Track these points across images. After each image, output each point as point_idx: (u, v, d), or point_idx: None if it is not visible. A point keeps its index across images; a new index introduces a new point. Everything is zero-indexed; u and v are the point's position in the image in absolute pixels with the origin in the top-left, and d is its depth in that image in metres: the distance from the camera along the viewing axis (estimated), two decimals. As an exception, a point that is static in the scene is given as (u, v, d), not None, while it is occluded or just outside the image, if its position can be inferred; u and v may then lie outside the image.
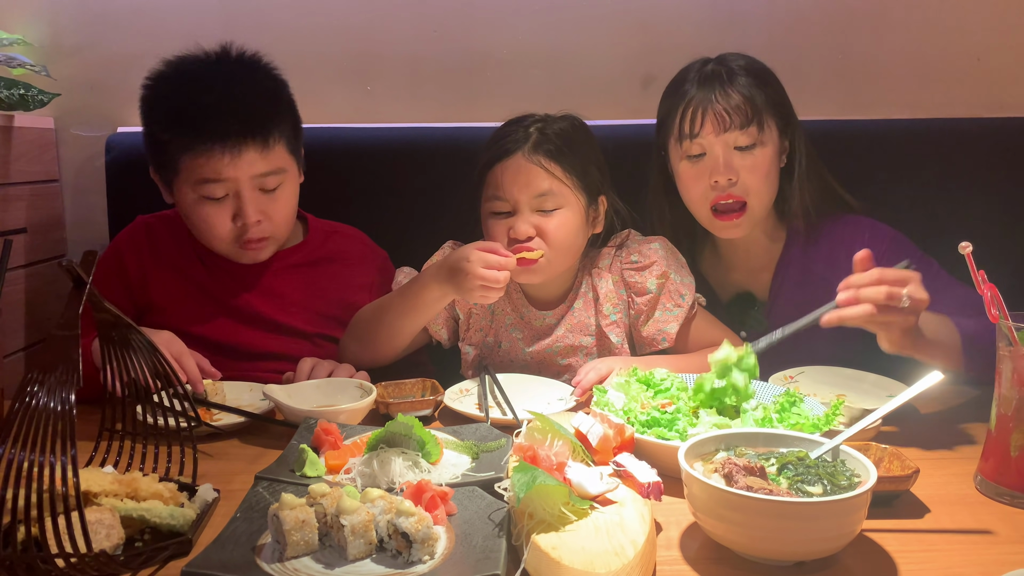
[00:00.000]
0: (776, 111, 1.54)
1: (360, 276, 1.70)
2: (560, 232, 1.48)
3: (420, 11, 1.99)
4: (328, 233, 1.73)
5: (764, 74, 1.56)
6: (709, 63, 1.56)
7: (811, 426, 1.13)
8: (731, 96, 1.50)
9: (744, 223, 1.55)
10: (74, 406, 0.84)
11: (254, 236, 1.54)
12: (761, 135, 1.51)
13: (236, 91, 1.49)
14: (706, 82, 1.52)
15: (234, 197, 1.51)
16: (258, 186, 1.51)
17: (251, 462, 1.18)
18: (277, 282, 1.65)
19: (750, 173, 1.52)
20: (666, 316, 1.54)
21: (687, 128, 1.52)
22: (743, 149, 1.51)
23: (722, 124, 1.50)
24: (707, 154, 1.52)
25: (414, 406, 1.34)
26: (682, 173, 1.57)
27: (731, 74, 1.52)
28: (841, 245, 1.58)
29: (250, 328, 1.62)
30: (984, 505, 1.05)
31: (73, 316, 0.91)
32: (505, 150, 1.49)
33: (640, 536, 0.87)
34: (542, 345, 1.58)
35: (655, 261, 1.55)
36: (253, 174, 1.50)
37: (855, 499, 0.87)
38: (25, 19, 1.98)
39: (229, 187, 1.50)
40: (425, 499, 0.94)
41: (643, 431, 1.14)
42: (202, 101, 1.47)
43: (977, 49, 2.02)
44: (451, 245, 1.65)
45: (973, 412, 1.34)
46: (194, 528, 0.95)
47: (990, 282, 1.06)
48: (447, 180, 1.87)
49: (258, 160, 1.49)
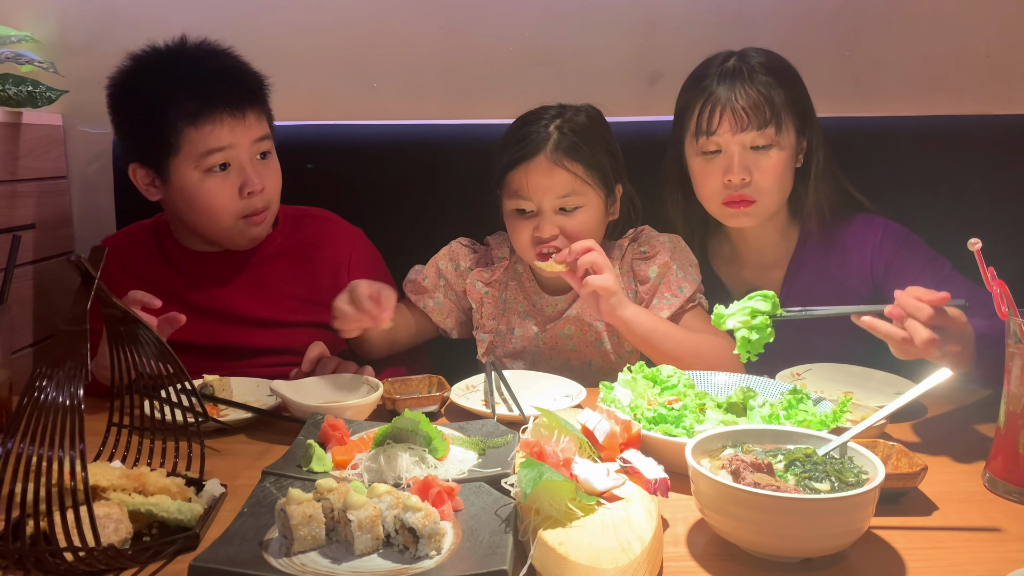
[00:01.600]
0: (795, 111, 1.53)
1: (339, 255, 1.68)
2: (582, 231, 1.53)
3: (426, 8, 1.99)
4: (298, 218, 1.71)
5: (786, 72, 1.54)
6: (731, 58, 1.54)
7: (818, 423, 1.12)
8: (750, 95, 1.49)
9: (754, 213, 1.54)
10: (83, 401, 0.85)
11: (260, 206, 1.55)
12: (778, 136, 1.50)
13: (226, 61, 1.54)
14: (726, 79, 1.51)
15: (237, 168, 1.52)
16: (257, 151, 1.54)
17: (258, 457, 1.18)
18: (257, 274, 1.63)
19: (764, 174, 1.51)
20: (661, 304, 1.57)
21: (704, 124, 1.51)
22: (759, 149, 1.50)
23: (739, 123, 1.49)
24: (722, 152, 1.52)
25: (420, 402, 1.34)
26: (696, 168, 1.56)
27: (752, 71, 1.51)
28: (854, 244, 1.58)
29: (237, 327, 1.60)
30: (992, 503, 1.05)
31: (81, 311, 0.91)
32: (528, 151, 1.51)
33: (647, 532, 0.87)
34: (553, 329, 1.61)
35: (659, 252, 1.59)
36: (253, 138, 1.52)
37: (863, 496, 0.87)
38: (34, 16, 1.99)
39: (231, 155, 1.51)
40: (432, 494, 0.94)
41: (650, 427, 1.14)
42: (204, 69, 1.50)
43: (986, 46, 2.01)
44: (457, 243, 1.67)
45: (981, 409, 1.34)
46: (201, 523, 0.95)
47: (999, 279, 1.05)
48: (452, 177, 1.87)
49: (255, 124, 1.52)
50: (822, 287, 1.58)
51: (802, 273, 1.63)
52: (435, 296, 1.66)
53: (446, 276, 1.65)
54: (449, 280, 1.65)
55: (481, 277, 1.64)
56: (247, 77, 1.56)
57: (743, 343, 1.22)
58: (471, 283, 1.64)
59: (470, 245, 1.69)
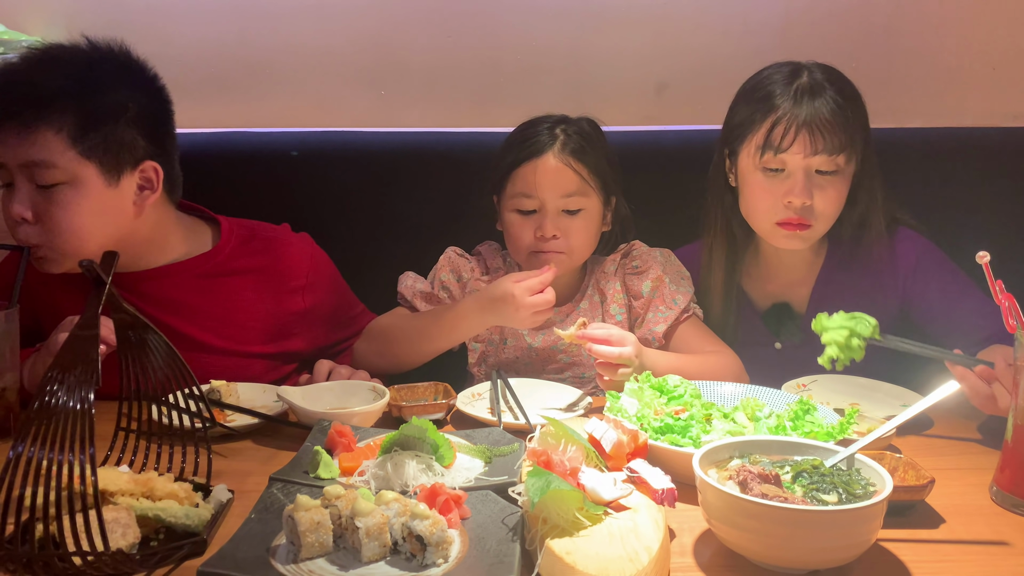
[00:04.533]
0: (863, 136, 1.50)
1: (290, 280, 1.59)
2: (581, 233, 1.55)
3: (434, 17, 1.99)
4: (244, 239, 1.59)
5: (854, 95, 1.50)
6: (801, 74, 1.49)
7: (825, 434, 1.12)
8: (828, 118, 1.44)
9: (808, 237, 1.52)
10: (93, 405, 0.85)
11: (28, 239, 1.39)
12: (846, 164, 1.47)
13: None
14: (804, 98, 1.46)
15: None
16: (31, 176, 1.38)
17: (265, 463, 1.18)
18: (182, 295, 1.52)
19: (825, 200, 1.48)
20: (656, 317, 1.58)
21: (775, 141, 1.46)
22: (824, 174, 1.47)
23: (814, 146, 1.44)
24: (786, 172, 1.48)
25: (427, 409, 1.34)
26: (754, 183, 1.52)
27: (823, 92, 1.46)
28: (887, 259, 1.58)
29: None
30: (1000, 516, 1.05)
31: (93, 316, 0.92)
32: (535, 150, 1.53)
33: (654, 542, 0.87)
34: (547, 341, 1.61)
35: (652, 266, 1.61)
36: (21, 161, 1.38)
37: (870, 508, 0.87)
38: (43, 21, 1.99)
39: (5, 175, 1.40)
40: (439, 502, 0.94)
41: (656, 437, 1.14)
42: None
43: (992, 58, 2.01)
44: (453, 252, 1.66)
45: (989, 423, 1.33)
46: (209, 528, 0.95)
47: (1008, 292, 1.05)
48: (458, 184, 1.87)
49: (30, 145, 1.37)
50: (850, 301, 1.56)
51: (831, 288, 1.61)
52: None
53: (449, 288, 1.65)
54: (452, 293, 1.64)
55: (478, 287, 1.64)
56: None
57: (828, 357, 1.24)
58: (471, 293, 1.64)
59: (463, 255, 1.69)
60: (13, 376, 1.27)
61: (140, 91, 1.47)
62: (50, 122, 1.35)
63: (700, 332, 1.59)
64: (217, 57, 1.96)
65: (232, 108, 1.98)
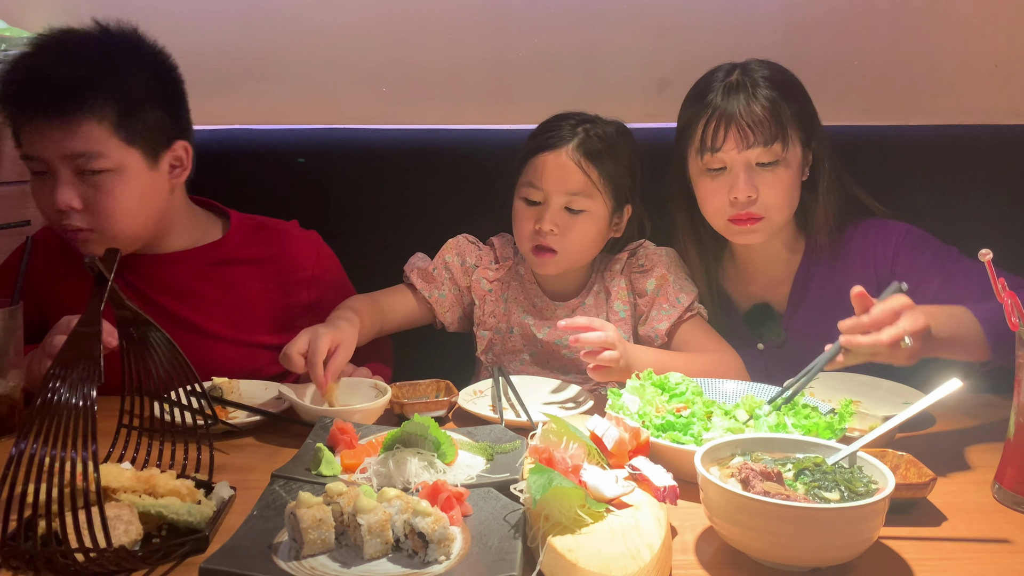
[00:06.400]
0: (800, 125, 1.50)
1: (297, 271, 1.61)
2: (578, 234, 1.54)
3: (436, 15, 1.99)
4: (253, 230, 1.62)
5: (790, 85, 1.52)
6: (734, 71, 1.51)
7: (825, 426, 1.12)
8: (755, 111, 1.46)
9: (761, 230, 1.52)
10: (95, 402, 0.85)
11: (74, 224, 1.41)
12: (784, 152, 1.48)
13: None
14: (730, 94, 1.48)
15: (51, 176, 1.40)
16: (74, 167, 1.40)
17: (267, 460, 1.19)
18: (190, 283, 1.55)
19: (771, 191, 1.49)
20: (660, 315, 1.59)
21: (708, 141, 1.48)
22: (765, 166, 1.48)
23: (745, 140, 1.46)
24: (727, 169, 1.49)
25: (428, 406, 1.34)
26: (701, 186, 1.54)
27: (755, 86, 1.48)
28: (861, 250, 1.58)
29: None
30: (1002, 514, 1.05)
31: (95, 313, 0.92)
32: (552, 143, 1.54)
33: (656, 540, 0.87)
34: (552, 335, 1.61)
35: (657, 265, 1.61)
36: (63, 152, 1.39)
37: (872, 506, 0.87)
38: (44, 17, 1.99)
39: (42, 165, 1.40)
40: (441, 499, 0.94)
41: (658, 435, 1.14)
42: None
43: (994, 56, 2.01)
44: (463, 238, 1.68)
45: (991, 420, 1.34)
46: (211, 525, 0.95)
47: (1010, 290, 1.05)
48: (465, 181, 1.87)
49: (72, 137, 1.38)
50: (829, 298, 1.57)
51: (809, 285, 1.62)
52: (441, 288, 1.67)
53: (452, 270, 1.66)
54: (455, 274, 1.66)
55: (486, 274, 1.66)
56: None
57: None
58: (476, 279, 1.66)
59: (475, 242, 1.71)
60: (17, 373, 1.27)
61: (159, 70, 1.48)
62: (92, 113, 1.36)
63: (703, 331, 1.60)
64: (223, 54, 1.97)
65: (239, 105, 1.98)
